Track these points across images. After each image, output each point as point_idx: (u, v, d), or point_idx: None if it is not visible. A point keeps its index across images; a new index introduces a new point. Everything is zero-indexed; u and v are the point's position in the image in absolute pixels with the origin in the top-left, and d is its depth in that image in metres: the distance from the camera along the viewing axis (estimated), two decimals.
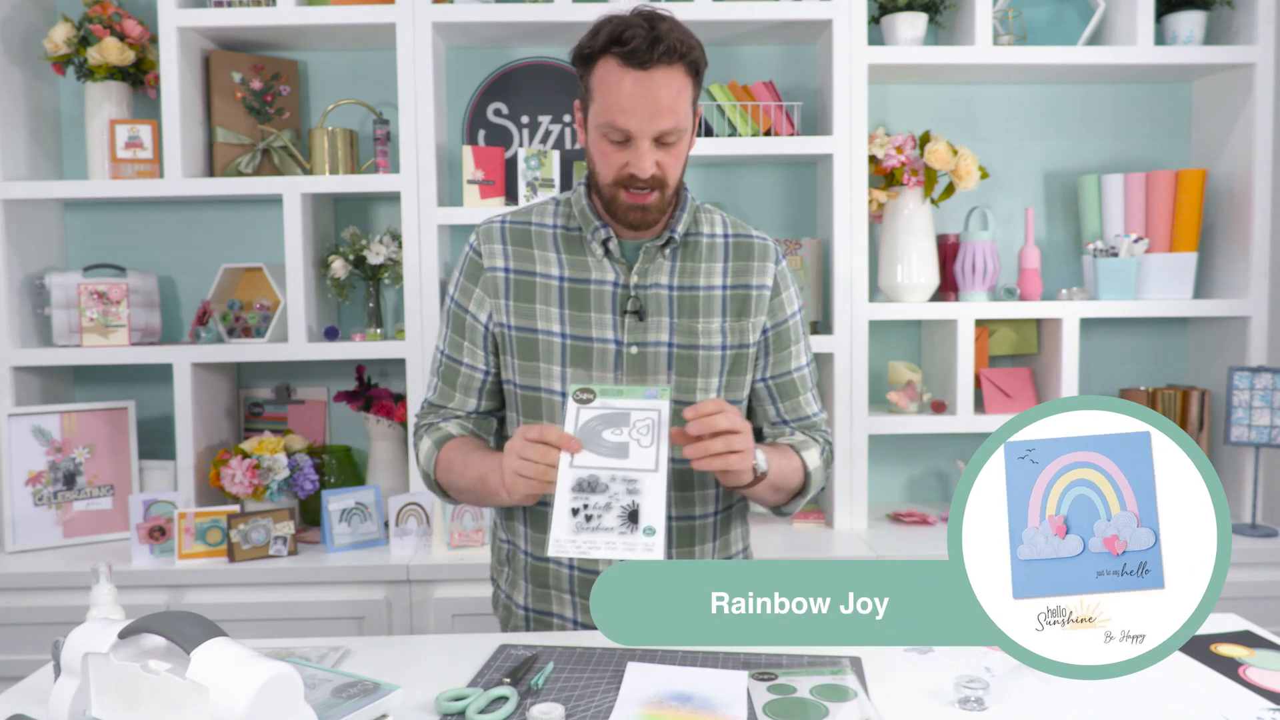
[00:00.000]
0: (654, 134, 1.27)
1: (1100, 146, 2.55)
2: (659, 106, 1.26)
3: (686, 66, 1.28)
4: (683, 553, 1.41)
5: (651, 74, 1.25)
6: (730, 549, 1.48)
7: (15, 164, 2.30)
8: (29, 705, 1.13)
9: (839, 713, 1.07)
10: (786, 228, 2.53)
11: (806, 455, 1.41)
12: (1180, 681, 1.16)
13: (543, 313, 1.37)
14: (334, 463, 2.40)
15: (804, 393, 1.48)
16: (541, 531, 1.41)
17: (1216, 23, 2.42)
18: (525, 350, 1.38)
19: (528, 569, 1.44)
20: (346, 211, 2.52)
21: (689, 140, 1.34)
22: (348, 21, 2.23)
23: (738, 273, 1.41)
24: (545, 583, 1.43)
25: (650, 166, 1.28)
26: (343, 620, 2.04)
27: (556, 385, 1.37)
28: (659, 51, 1.24)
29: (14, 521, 2.20)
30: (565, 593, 1.42)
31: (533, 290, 1.38)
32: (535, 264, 1.39)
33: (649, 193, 1.31)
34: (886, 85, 2.51)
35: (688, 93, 1.29)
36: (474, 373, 1.43)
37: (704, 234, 1.42)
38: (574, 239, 1.40)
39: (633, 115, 1.26)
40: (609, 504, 1.16)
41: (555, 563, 1.41)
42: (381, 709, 1.07)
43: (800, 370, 1.47)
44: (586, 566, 1.40)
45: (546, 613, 1.44)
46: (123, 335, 2.27)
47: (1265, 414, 2.21)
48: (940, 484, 2.61)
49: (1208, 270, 2.46)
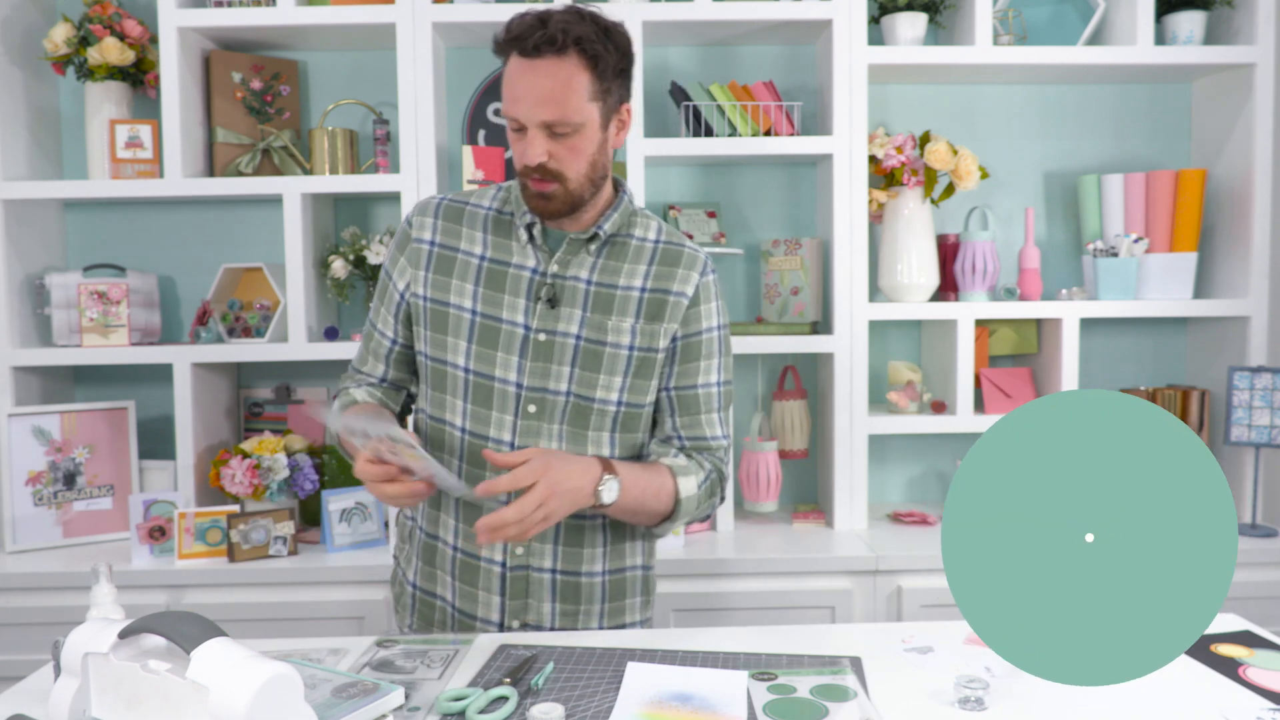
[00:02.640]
0: (538, 122, 1.27)
1: (1100, 146, 2.56)
2: (541, 95, 1.26)
3: (580, 56, 1.26)
4: (569, 552, 1.40)
5: (536, 63, 1.25)
6: (624, 559, 1.47)
7: (15, 164, 2.30)
8: (29, 705, 1.13)
9: (839, 713, 1.07)
10: (786, 228, 2.53)
11: (681, 481, 1.39)
12: (1180, 681, 1.16)
13: (457, 288, 1.39)
14: (334, 463, 2.40)
15: (706, 412, 1.45)
16: (435, 508, 1.44)
17: (1216, 23, 2.42)
18: (436, 323, 1.40)
19: (420, 546, 1.47)
20: (346, 211, 2.52)
21: (598, 137, 1.32)
22: (348, 21, 2.23)
23: (659, 277, 1.41)
24: (433, 561, 1.45)
25: (537, 155, 1.28)
26: (343, 620, 2.04)
27: (461, 360, 1.38)
28: (539, 39, 1.24)
29: (14, 521, 2.20)
30: (448, 574, 1.43)
31: (452, 265, 1.40)
32: (460, 241, 1.41)
33: (548, 183, 1.31)
34: (886, 85, 2.51)
35: (581, 84, 1.27)
36: (383, 339, 1.47)
37: (634, 236, 1.43)
38: (504, 222, 1.42)
39: (518, 103, 1.27)
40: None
41: (444, 541, 1.43)
42: (381, 709, 1.07)
43: (708, 388, 1.44)
44: (468, 550, 1.40)
45: (430, 593, 1.46)
46: (123, 335, 2.27)
47: (1265, 414, 2.21)
48: (940, 484, 2.61)
49: (1208, 270, 2.46)
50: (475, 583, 1.41)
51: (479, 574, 1.40)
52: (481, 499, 1.31)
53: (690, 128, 2.32)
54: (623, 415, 1.40)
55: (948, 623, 1.37)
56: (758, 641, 1.29)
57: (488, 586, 1.40)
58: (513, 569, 1.39)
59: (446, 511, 1.43)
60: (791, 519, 2.37)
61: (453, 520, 1.42)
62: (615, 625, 1.46)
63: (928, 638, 1.31)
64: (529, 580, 1.40)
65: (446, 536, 1.43)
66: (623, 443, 1.42)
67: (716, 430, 1.46)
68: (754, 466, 2.34)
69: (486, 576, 1.40)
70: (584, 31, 1.26)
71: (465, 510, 1.41)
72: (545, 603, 1.40)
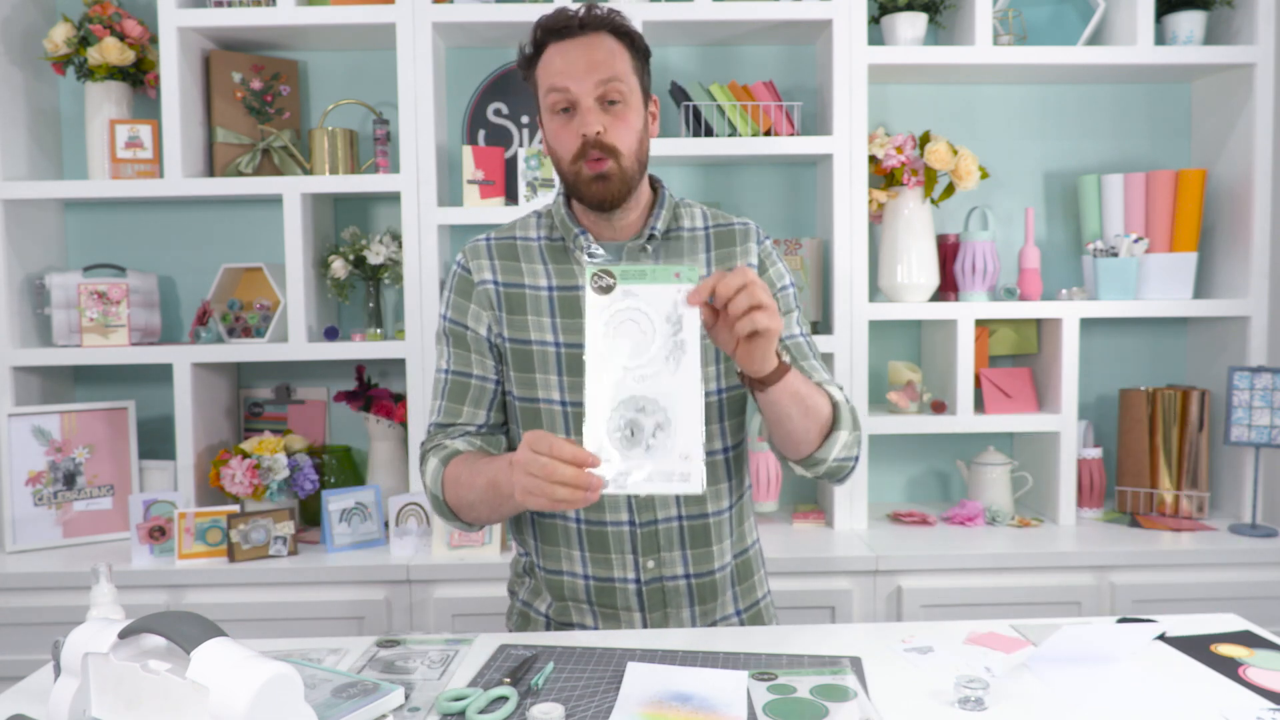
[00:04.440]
0: (594, 89, 1.29)
1: (1100, 146, 2.56)
2: (591, 61, 1.29)
3: (618, 36, 1.32)
4: (698, 554, 1.39)
5: (579, 40, 1.30)
6: (746, 540, 1.48)
7: (15, 164, 2.30)
8: (29, 705, 1.13)
9: (839, 713, 1.07)
10: (786, 228, 2.53)
11: (831, 389, 1.33)
12: (1180, 681, 1.16)
13: (535, 323, 1.37)
14: (334, 463, 2.41)
15: (807, 359, 1.40)
16: (553, 544, 1.41)
17: (1216, 23, 2.42)
18: (521, 362, 1.38)
19: (545, 582, 1.44)
20: (346, 211, 2.52)
21: (642, 115, 1.35)
22: (348, 21, 2.23)
23: (721, 260, 1.41)
24: (562, 595, 1.43)
25: (594, 124, 1.29)
26: (343, 620, 2.04)
27: (555, 395, 1.36)
28: (582, 18, 1.30)
29: (14, 521, 2.20)
30: (583, 603, 1.41)
31: (523, 302, 1.38)
32: (524, 277, 1.39)
33: (604, 160, 1.30)
34: (886, 85, 2.51)
35: (624, 57, 1.32)
36: (485, 383, 1.41)
37: (685, 229, 1.43)
38: (558, 248, 1.41)
39: (568, 75, 1.29)
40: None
41: (570, 574, 1.40)
42: (381, 709, 1.07)
43: (796, 339, 1.41)
44: (599, 575, 1.39)
45: (567, 624, 1.44)
46: (123, 335, 2.27)
47: (1265, 414, 2.21)
48: (940, 484, 2.61)
49: (1208, 270, 2.46)
50: (614, 603, 1.40)
51: (615, 594, 1.39)
52: None
53: (690, 128, 2.32)
54: (726, 402, 1.40)
55: (948, 623, 1.37)
56: (758, 641, 1.29)
57: (626, 605, 1.39)
58: (647, 582, 1.39)
59: (569, 545, 1.41)
60: (791, 519, 2.37)
61: (577, 552, 1.40)
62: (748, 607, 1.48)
63: (928, 638, 1.31)
64: (664, 591, 1.39)
65: (576, 580, 1.41)
66: (732, 429, 1.42)
67: (823, 375, 1.39)
68: (754, 466, 2.34)
69: (624, 595, 1.39)
70: (614, 16, 1.33)
71: (590, 539, 1.39)
72: (683, 609, 1.41)
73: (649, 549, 1.38)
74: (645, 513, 1.37)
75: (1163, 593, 2.09)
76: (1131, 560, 2.10)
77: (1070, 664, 1.21)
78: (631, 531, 1.37)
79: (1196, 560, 2.11)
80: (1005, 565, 2.09)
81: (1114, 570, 2.10)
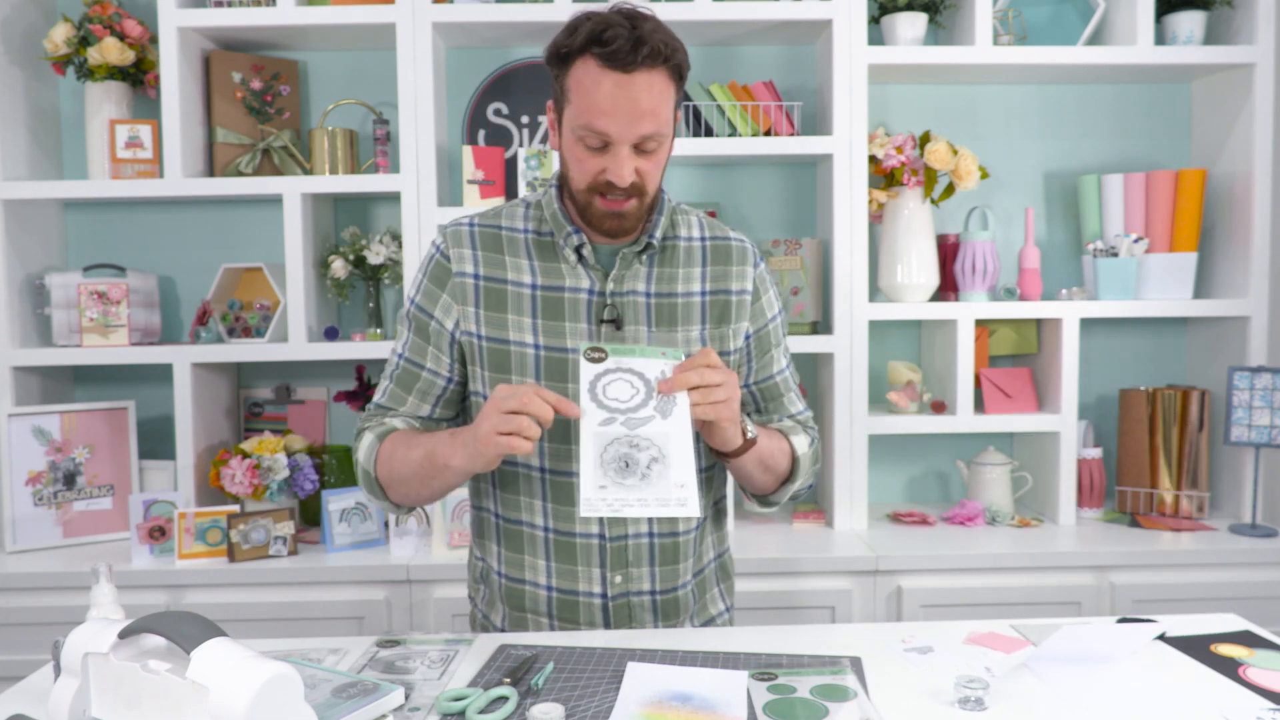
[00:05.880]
0: (634, 139, 1.22)
1: (1100, 146, 2.56)
2: (640, 110, 1.20)
3: (669, 70, 1.22)
4: (665, 571, 1.36)
5: (634, 77, 1.19)
6: (704, 559, 1.45)
7: (15, 164, 2.30)
8: (29, 705, 1.13)
9: (839, 713, 1.07)
10: (786, 228, 2.53)
11: (794, 440, 1.39)
12: (1180, 681, 1.16)
13: (515, 323, 1.31)
14: (334, 463, 2.40)
15: (787, 393, 1.46)
16: (517, 551, 1.37)
17: (1216, 23, 2.42)
18: (497, 362, 1.32)
19: (503, 590, 1.39)
20: (346, 211, 2.52)
21: (669, 146, 1.29)
22: (348, 21, 2.23)
23: (716, 278, 1.38)
24: (521, 605, 1.38)
25: (629, 174, 1.23)
26: (343, 620, 2.04)
27: None
28: (643, 54, 1.18)
29: (14, 521, 2.20)
30: (542, 615, 1.37)
31: (504, 299, 1.32)
32: (507, 271, 1.33)
33: (626, 200, 1.26)
34: (886, 85, 2.51)
35: (670, 97, 1.24)
36: (435, 379, 1.36)
37: (681, 238, 1.38)
38: (546, 244, 1.34)
39: (613, 119, 1.20)
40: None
41: (532, 584, 1.36)
42: (381, 709, 1.07)
43: (782, 373, 1.46)
44: (564, 588, 1.35)
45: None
46: (123, 335, 2.27)
47: (1265, 414, 2.21)
48: (940, 484, 2.61)
49: (1208, 270, 2.46)
50: (576, 617, 1.36)
51: (578, 608, 1.35)
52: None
53: (690, 128, 2.32)
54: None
55: (948, 623, 1.37)
56: (758, 641, 1.29)
57: (590, 619, 1.35)
58: (614, 597, 1.35)
59: (534, 554, 1.36)
60: (791, 519, 2.37)
61: (543, 561, 1.36)
62: (703, 623, 1.46)
63: (928, 638, 1.31)
64: (630, 606, 1.36)
65: (538, 590, 1.37)
66: (705, 450, 1.38)
67: (798, 406, 1.47)
68: None
69: (588, 610, 1.35)
70: (676, 43, 1.23)
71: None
72: (646, 626, 1.37)
73: (617, 564, 1.33)
74: (616, 527, 1.33)
75: (1163, 593, 2.09)
76: (1131, 560, 2.10)
77: (1070, 664, 1.21)
78: (600, 545, 1.33)
79: (1196, 560, 2.11)
80: (1005, 565, 2.09)
81: (1114, 570, 2.10)
